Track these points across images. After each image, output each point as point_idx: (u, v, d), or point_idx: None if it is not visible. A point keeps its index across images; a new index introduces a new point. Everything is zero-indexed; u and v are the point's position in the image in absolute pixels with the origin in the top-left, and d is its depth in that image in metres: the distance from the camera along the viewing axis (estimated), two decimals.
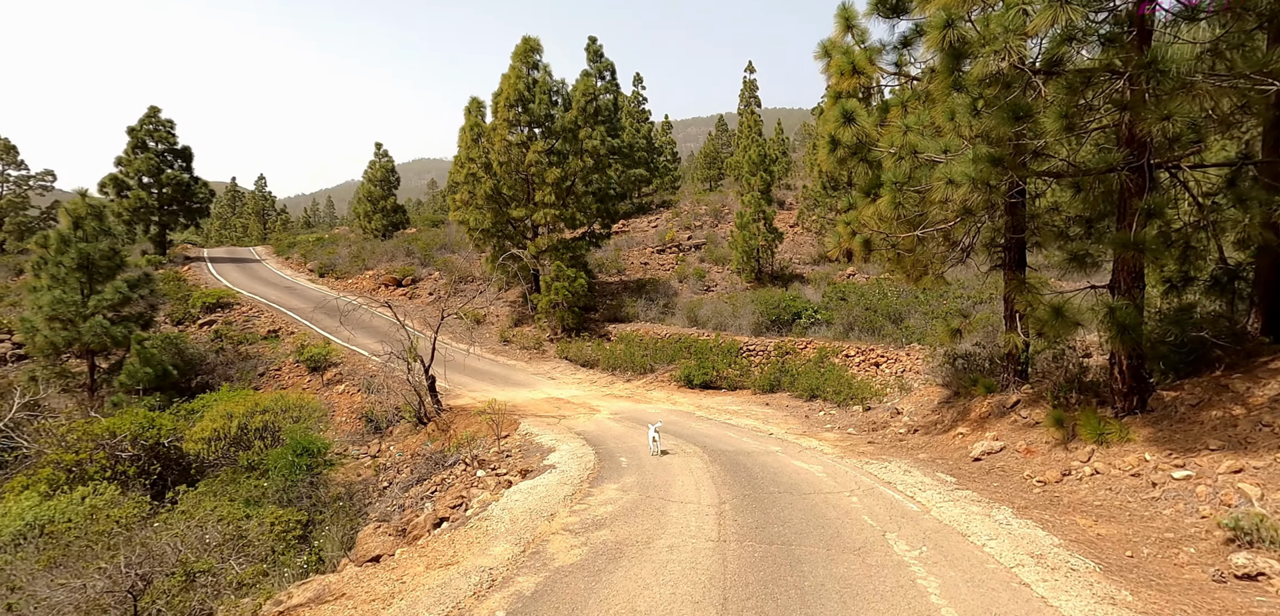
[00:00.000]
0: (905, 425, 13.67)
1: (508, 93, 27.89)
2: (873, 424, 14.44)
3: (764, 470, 10.26)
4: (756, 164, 32.88)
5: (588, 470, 10.55)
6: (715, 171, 59.74)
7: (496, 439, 15.07)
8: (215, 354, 23.04)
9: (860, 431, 14.17)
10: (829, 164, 10.90)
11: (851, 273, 32.87)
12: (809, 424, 15.93)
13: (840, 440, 13.35)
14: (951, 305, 22.70)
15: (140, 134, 37.45)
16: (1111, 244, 8.38)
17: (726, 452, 11.93)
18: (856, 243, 11.96)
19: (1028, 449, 9.79)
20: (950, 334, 12.62)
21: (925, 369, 18.49)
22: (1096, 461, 8.68)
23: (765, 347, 23.01)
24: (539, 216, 27.74)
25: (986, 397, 11.94)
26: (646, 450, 12.58)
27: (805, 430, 14.89)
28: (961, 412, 12.26)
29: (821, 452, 11.93)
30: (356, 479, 17.49)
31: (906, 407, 14.78)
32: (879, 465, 10.48)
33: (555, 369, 24.84)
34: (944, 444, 11.34)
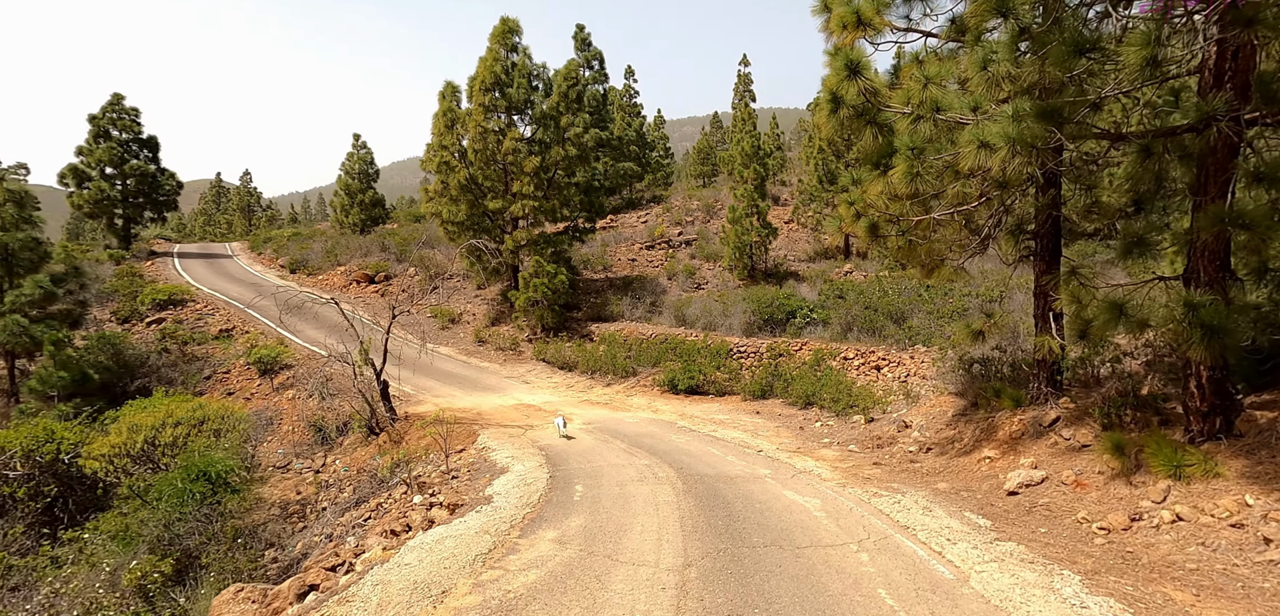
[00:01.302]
0: (916, 441, 11.60)
1: (484, 76, 25.77)
2: (878, 439, 12.37)
3: (748, 506, 8.19)
4: (749, 155, 30.84)
5: (529, 505, 8.46)
6: (709, 167, 57.68)
7: (445, 456, 12.99)
8: (158, 355, 20.91)
9: (863, 448, 12.10)
10: (829, 128, 8.82)
11: (849, 270, 30.83)
12: (804, 437, 13.86)
13: (840, 460, 11.28)
14: (958, 303, 20.64)
15: (102, 122, 35.24)
16: (1208, 221, 6.32)
17: (706, 478, 9.85)
18: (860, 227, 9.89)
19: (1078, 481, 7.72)
20: (971, 336, 10.55)
21: (933, 374, 16.44)
22: (1177, 503, 6.62)
23: (757, 349, 20.96)
24: (516, 208, 25.63)
25: (1016, 413, 9.87)
26: (612, 471, 10.52)
27: (800, 445, 12.82)
28: (985, 429, 10.18)
29: (819, 478, 9.86)
30: (295, 497, 15.40)
31: (915, 420, 12.72)
32: (890, 497, 8.42)
33: (531, 372, 22.76)
34: (967, 469, 9.28)
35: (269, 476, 16.48)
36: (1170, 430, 7.82)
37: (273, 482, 16.22)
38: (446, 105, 26.22)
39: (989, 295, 20.91)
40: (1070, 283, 8.16)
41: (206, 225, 69.55)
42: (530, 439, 14.33)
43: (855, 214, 9.78)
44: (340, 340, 18.27)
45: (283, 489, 15.75)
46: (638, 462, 11.27)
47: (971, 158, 7.40)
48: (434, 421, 15.33)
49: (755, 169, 30.61)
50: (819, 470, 10.43)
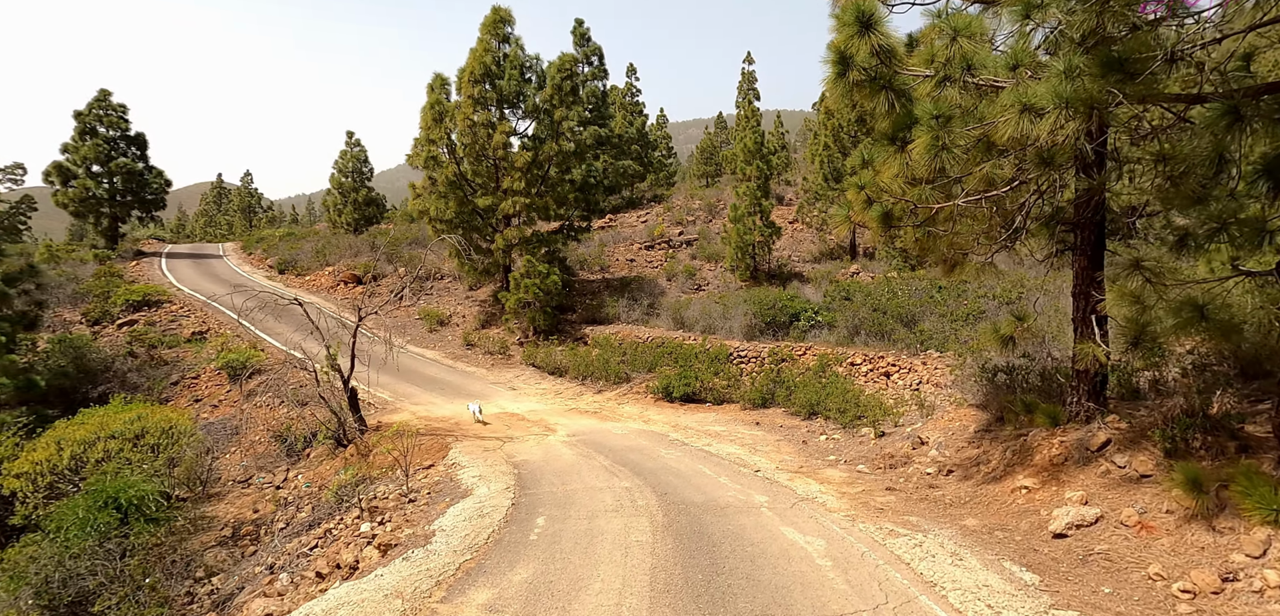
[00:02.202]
0: (934, 461, 10.10)
1: (473, 67, 24.40)
2: (890, 457, 10.87)
3: (738, 549, 6.73)
4: (753, 152, 29.35)
5: (473, 549, 7.01)
6: (712, 167, 56.25)
7: (406, 476, 11.57)
8: (124, 359, 19.59)
9: (874, 468, 10.61)
10: (835, 95, 7.35)
11: (856, 271, 29.34)
12: (807, 453, 12.37)
13: (848, 483, 9.79)
14: (973, 305, 19.11)
15: (88, 119, 34.03)
16: None
17: (692, 508, 8.40)
18: (872, 215, 8.42)
19: (1143, 523, 6.23)
20: (999, 341, 9.04)
21: (948, 382, 14.94)
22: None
23: (758, 353, 19.48)
24: (507, 205, 24.23)
25: (1054, 432, 8.37)
26: (585, 497, 9.09)
27: (802, 463, 11.33)
28: (1017, 451, 8.68)
29: (824, 507, 8.39)
30: (251, 516, 14.01)
31: (932, 435, 11.21)
32: (910, 538, 6.95)
33: (519, 377, 21.34)
34: (999, 501, 7.78)
35: (227, 492, 15.12)
36: (1254, 459, 6.32)
37: (230, 498, 14.86)
38: (434, 98, 24.84)
39: (1006, 296, 19.37)
40: (1124, 279, 6.68)
41: (207, 226, 68.51)
42: (506, 453, 12.91)
43: (866, 200, 8.31)
44: (321, 343, 16.96)
45: (239, 506, 14.38)
46: (617, 486, 9.81)
47: (1012, 125, 5.93)
48: (412, 431, 13.96)
49: (758, 165, 29.13)
50: (824, 497, 8.94)
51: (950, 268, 9.80)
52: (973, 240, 8.60)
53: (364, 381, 20.04)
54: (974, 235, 8.60)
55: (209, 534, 13.33)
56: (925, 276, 22.79)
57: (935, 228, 8.74)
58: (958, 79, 6.50)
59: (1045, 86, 5.79)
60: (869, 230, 8.52)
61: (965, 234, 8.56)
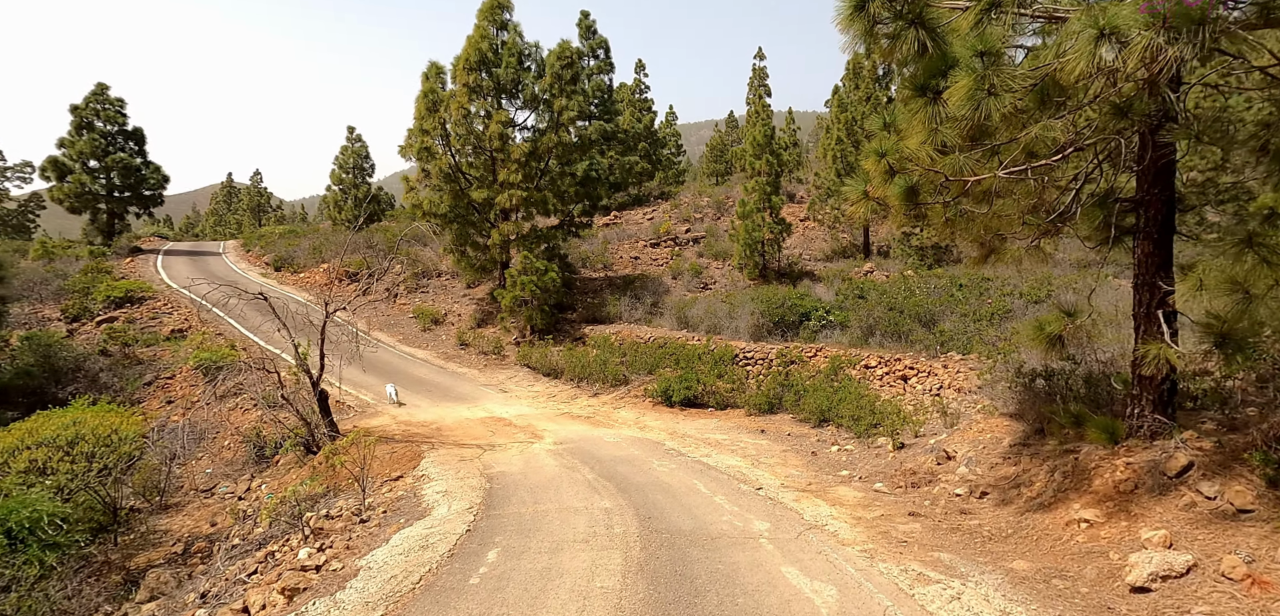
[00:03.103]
0: (964, 480, 8.61)
1: (469, 54, 23.12)
2: (912, 474, 9.38)
3: (728, 600, 5.31)
4: (762, 146, 27.86)
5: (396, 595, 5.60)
6: (722, 166, 54.77)
7: (362, 491, 10.23)
8: (97, 357, 18.46)
9: (894, 487, 9.13)
10: (855, 30, 5.89)
11: (870, 269, 27.82)
12: (817, 467, 10.91)
13: (864, 504, 8.33)
14: (997, 303, 17.54)
15: (85, 113, 33.15)
16: None
17: (678, 537, 6.98)
18: (894, 190, 6.96)
19: (1253, 577, 4.74)
20: (1045, 341, 7.53)
21: (973, 386, 13.41)
22: None
23: (766, 355, 18.02)
24: (503, 199, 22.90)
25: (1115, 453, 6.86)
26: (555, 521, 7.70)
27: (811, 480, 9.87)
28: (1069, 473, 7.17)
29: (836, 538, 6.94)
30: (208, 530, 12.73)
31: (960, 448, 9.71)
32: (944, 585, 5.50)
33: (511, 378, 19.99)
34: (1051, 536, 6.29)
35: (188, 502, 13.88)
36: None
37: (190, 509, 13.61)
38: (429, 86, 23.59)
39: (1034, 294, 17.79)
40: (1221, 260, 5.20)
41: (217, 225, 67.88)
42: (482, 464, 11.55)
43: (886, 171, 6.85)
44: (310, 341, 15.68)
45: (198, 518, 13.12)
46: (596, 507, 8.41)
47: (1084, 57, 4.47)
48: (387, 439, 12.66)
49: (768, 160, 27.65)
50: (836, 524, 7.48)
51: (985, 255, 8.32)
52: (1015, 221, 7.12)
53: (349, 383, 18.80)
54: (1016, 215, 7.12)
55: (160, 549, 12.07)
56: (945, 274, 21.22)
57: (970, 205, 7.27)
58: (1009, 7, 5.04)
59: (1128, 10, 4.34)
60: (889, 208, 7.04)
61: (1005, 214, 7.08)
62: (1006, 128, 6.88)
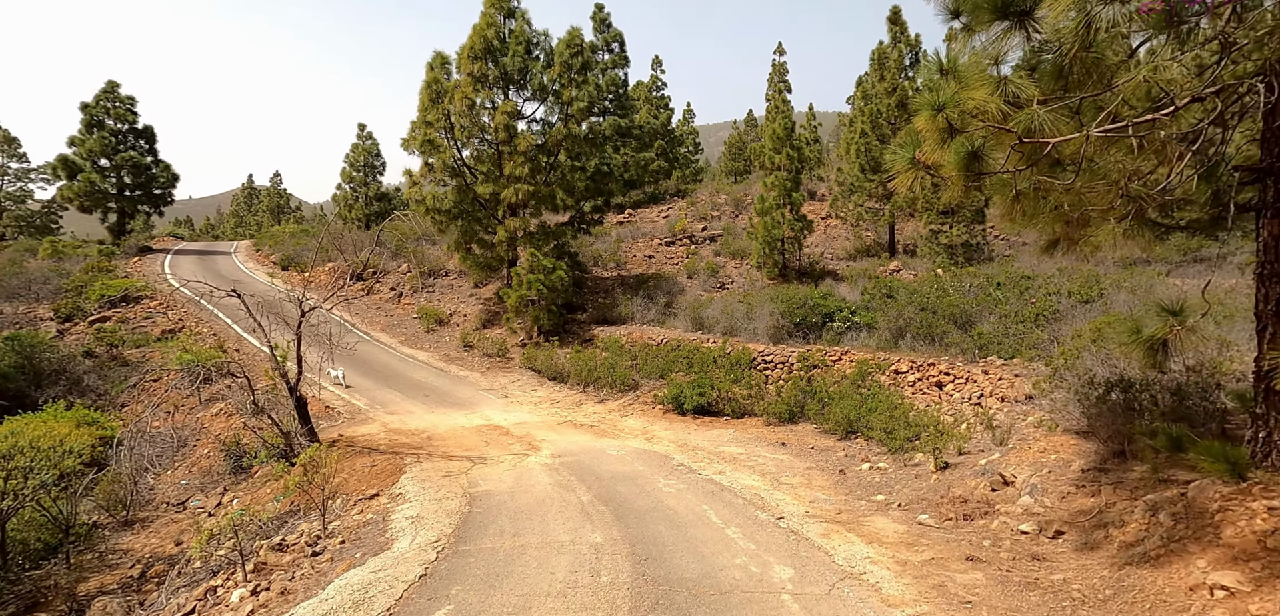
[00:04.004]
0: (1030, 514, 7.05)
1: (474, 42, 21.87)
2: (962, 503, 7.83)
3: None
4: (782, 139, 26.27)
5: None
6: (740, 164, 53.18)
7: (323, 516, 8.92)
8: (83, 359, 17.44)
9: (941, 518, 7.58)
10: None
11: (896, 268, 26.16)
12: (846, 488, 9.38)
13: (908, 543, 6.81)
14: (1043, 303, 15.82)
15: (96, 111, 32.55)
16: None
17: (681, 589, 5.54)
18: (950, 155, 5.47)
19: None
20: (1145, 348, 5.96)
21: (1018, 395, 11.79)
22: None
23: (786, 358, 16.50)
24: (509, 194, 21.59)
25: (1246, 490, 5.27)
26: (532, 562, 6.31)
27: (842, 507, 8.35)
28: (1181, 516, 5.59)
29: (879, 595, 5.45)
30: (173, 549, 11.49)
31: (1020, 472, 8.13)
32: None
33: (515, 382, 18.65)
34: (1169, 603, 4.75)
35: (156, 517, 12.69)
36: None
37: (156, 525, 12.41)
38: (433, 76, 22.38)
39: (1083, 294, 16.04)
40: None
41: (238, 226, 67.67)
42: (468, 481, 10.18)
43: (943, 131, 5.34)
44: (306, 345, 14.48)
45: (164, 536, 11.90)
46: (585, 542, 6.99)
47: None
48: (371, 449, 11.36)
49: (789, 154, 26.07)
50: (876, 572, 5.98)
51: (1053, 243, 6.78)
52: (1103, 196, 5.57)
53: (343, 386, 17.60)
54: (1104, 189, 5.57)
55: (115, 572, 10.86)
56: (980, 273, 19.49)
57: (1044, 176, 5.73)
58: None
59: None
60: (943, 177, 5.54)
61: (1092, 187, 5.54)
62: (1092, 80, 5.36)
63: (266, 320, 12.83)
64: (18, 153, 45.89)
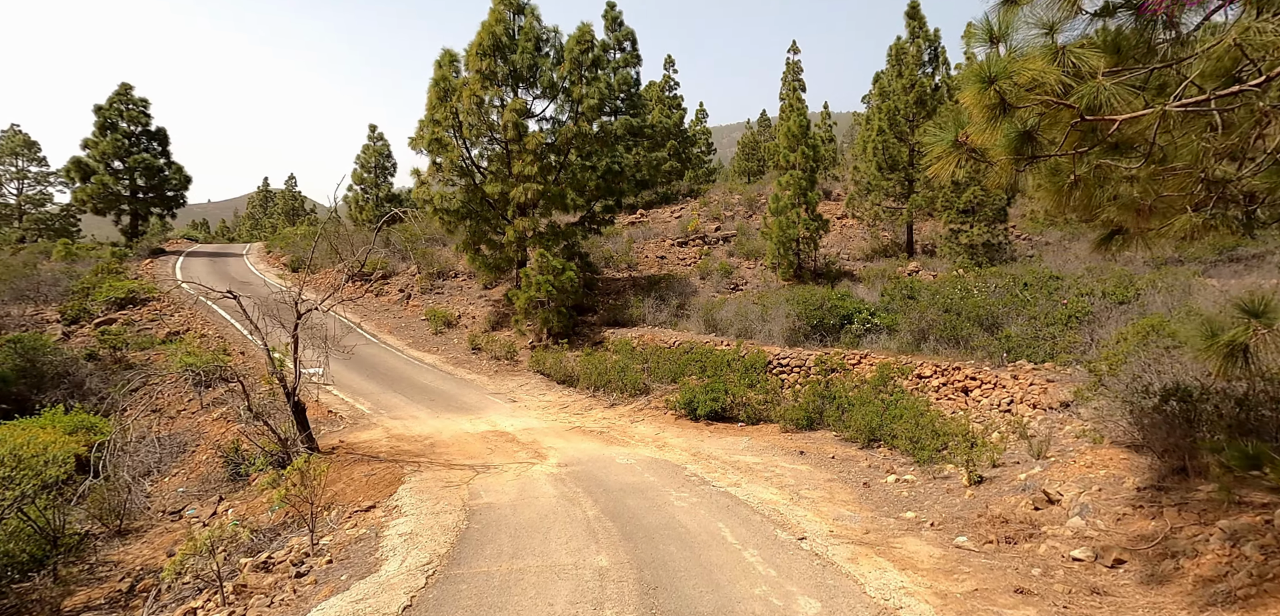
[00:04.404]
0: (1081, 537, 6.33)
1: (483, 39, 21.34)
2: (1002, 523, 7.10)
3: None
4: (798, 137, 25.52)
5: None
6: (754, 164, 52.39)
7: (311, 532, 8.35)
8: (85, 361, 17.07)
9: (980, 541, 6.86)
10: None
11: (915, 268, 25.37)
12: (872, 504, 8.68)
13: (947, 570, 6.11)
14: (1076, 305, 14.98)
15: (109, 113, 32.43)
16: None
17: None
18: (1000, 137, 4.81)
19: None
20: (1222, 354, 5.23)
21: (1052, 402, 11.04)
22: None
23: (803, 362, 15.80)
24: (518, 193, 21.03)
25: None
26: (533, 585, 5.69)
27: (869, 526, 7.65)
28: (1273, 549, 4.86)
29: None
30: (165, 562, 11.02)
31: (1066, 489, 7.39)
32: None
33: (523, 386, 18.06)
34: None
35: (151, 527, 12.20)
36: None
37: (150, 536, 11.92)
38: (441, 74, 21.88)
39: (1118, 295, 15.19)
40: None
41: (253, 229, 67.79)
42: (469, 492, 9.59)
43: (992, 107, 4.65)
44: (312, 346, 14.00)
45: (156, 547, 11.40)
46: (588, 566, 6.37)
47: None
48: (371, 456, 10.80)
49: (804, 152, 25.31)
50: (914, 606, 5.30)
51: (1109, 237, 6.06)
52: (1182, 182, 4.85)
53: (346, 390, 17.11)
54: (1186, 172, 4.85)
55: (104, 586, 10.35)
56: (1006, 273, 18.66)
57: (1105, 159, 5.03)
58: None
59: None
60: (990, 161, 4.86)
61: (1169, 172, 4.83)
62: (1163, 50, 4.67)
63: (264, 322, 12.31)
64: (37, 156, 46.10)
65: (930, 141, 5.11)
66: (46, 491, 10.56)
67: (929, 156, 5.06)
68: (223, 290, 12.35)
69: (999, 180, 5.18)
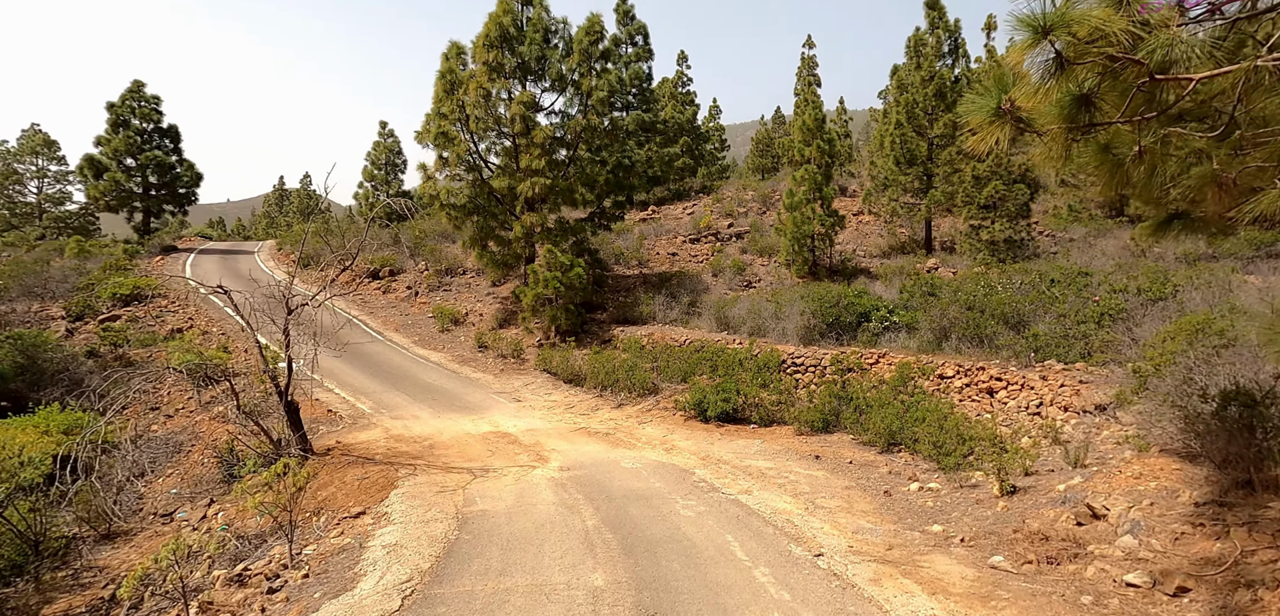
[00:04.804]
0: (1135, 559, 5.61)
1: (490, 30, 20.76)
2: (1042, 540, 6.38)
3: None
4: (813, 130, 24.74)
5: None
6: (768, 161, 51.50)
7: (289, 543, 7.80)
8: (85, 359, 16.72)
9: (1018, 561, 6.15)
10: None
11: (934, 265, 24.51)
12: (896, 517, 7.97)
13: (981, 595, 5.41)
14: (1109, 302, 14.13)
15: (121, 111, 32.32)
16: None
17: None
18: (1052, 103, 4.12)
19: None
20: None
21: (1086, 404, 10.28)
22: None
23: (818, 361, 15.10)
24: (526, 187, 20.45)
25: None
26: (529, 595, 5.07)
27: (893, 541, 6.97)
28: None
29: None
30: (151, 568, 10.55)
31: (1113, 502, 6.65)
32: None
33: (528, 385, 17.48)
34: None
35: (140, 530, 11.73)
36: None
37: (139, 539, 11.46)
38: (448, 66, 21.36)
39: (1155, 291, 14.32)
40: None
41: (269, 227, 67.94)
42: (463, 498, 9.01)
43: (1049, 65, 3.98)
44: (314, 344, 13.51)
45: (145, 551, 10.91)
46: (582, 586, 5.75)
47: None
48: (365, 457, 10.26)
49: (819, 146, 24.53)
50: None
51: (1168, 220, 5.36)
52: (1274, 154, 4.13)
53: (346, 388, 16.62)
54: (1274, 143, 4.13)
55: (86, 593, 9.89)
56: (1033, 269, 17.78)
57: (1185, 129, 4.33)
58: None
59: None
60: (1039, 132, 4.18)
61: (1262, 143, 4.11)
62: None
63: (255, 318, 11.82)
64: (57, 155, 46.23)
65: (969, 110, 4.42)
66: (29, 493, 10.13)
67: (966, 129, 4.37)
68: (225, 287, 11.84)
69: (1048, 155, 4.49)
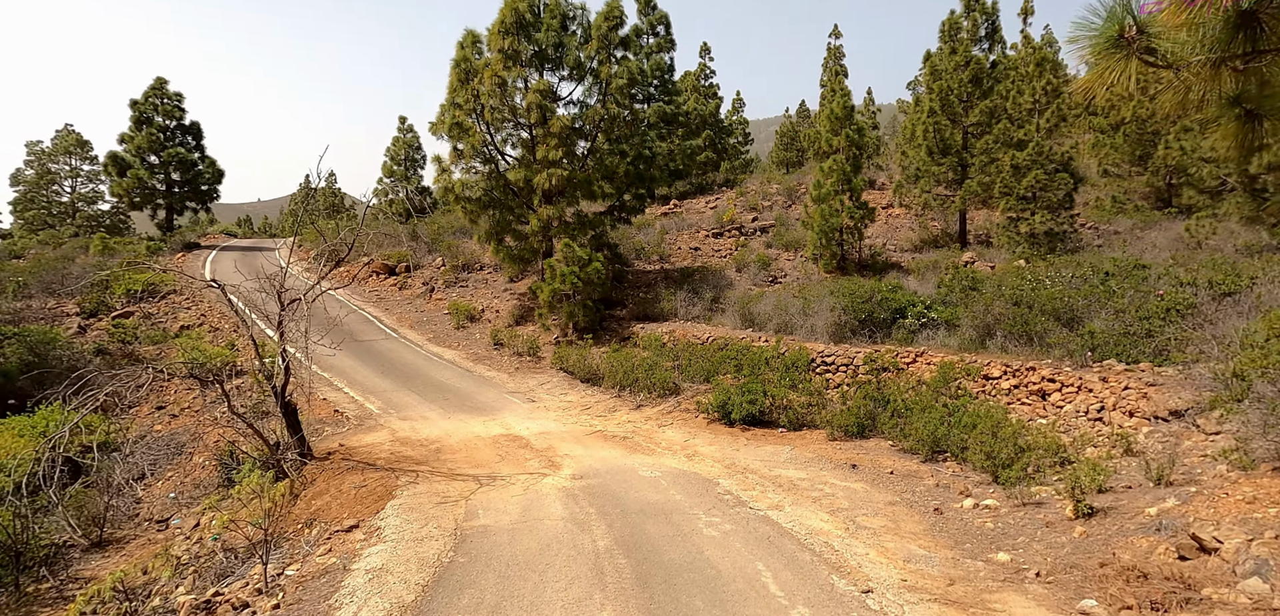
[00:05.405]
0: (1269, 612, 4.49)
1: (505, 16, 19.93)
2: (1140, 578, 5.28)
3: None
4: (840, 119, 23.46)
5: None
6: (793, 154, 50.14)
7: (264, 567, 6.97)
8: (93, 356, 16.24)
9: (1114, 605, 5.07)
10: None
11: (970, 259, 23.14)
12: (951, 540, 6.89)
13: None
14: (1175, 296, 12.81)
15: (144, 107, 32.19)
16: None
17: None
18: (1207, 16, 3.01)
19: None
20: None
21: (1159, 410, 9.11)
22: None
23: (850, 360, 14.02)
24: (542, 179, 19.59)
25: None
26: None
27: (953, 573, 5.92)
28: None
29: None
30: (141, 578, 9.81)
31: (1223, 531, 5.52)
32: None
33: (544, 384, 16.60)
34: None
35: (134, 536, 11.10)
36: None
37: (132, 546, 10.82)
38: (462, 55, 20.58)
39: (1225, 284, 12.95)
40: None
41: (294, 224, 68.25)
42: (464, 512, 8.13)
43: None
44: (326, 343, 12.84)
45: (136, 560, 10.25)
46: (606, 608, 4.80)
47: None
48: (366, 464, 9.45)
49: (848, 135, 23.24)
50: None
51: None
52: None
53: (356, 388, 15.90)
54: None
55: (67, 606, 9.24)
56: (1084, 261, 16.42)
57: None
58: None
59: None
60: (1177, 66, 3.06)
61: None
62: None
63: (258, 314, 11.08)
64: (89, 155, 46.55)
65: (1081, 37, 3.36)
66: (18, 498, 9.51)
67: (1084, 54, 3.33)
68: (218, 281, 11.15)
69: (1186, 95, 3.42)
